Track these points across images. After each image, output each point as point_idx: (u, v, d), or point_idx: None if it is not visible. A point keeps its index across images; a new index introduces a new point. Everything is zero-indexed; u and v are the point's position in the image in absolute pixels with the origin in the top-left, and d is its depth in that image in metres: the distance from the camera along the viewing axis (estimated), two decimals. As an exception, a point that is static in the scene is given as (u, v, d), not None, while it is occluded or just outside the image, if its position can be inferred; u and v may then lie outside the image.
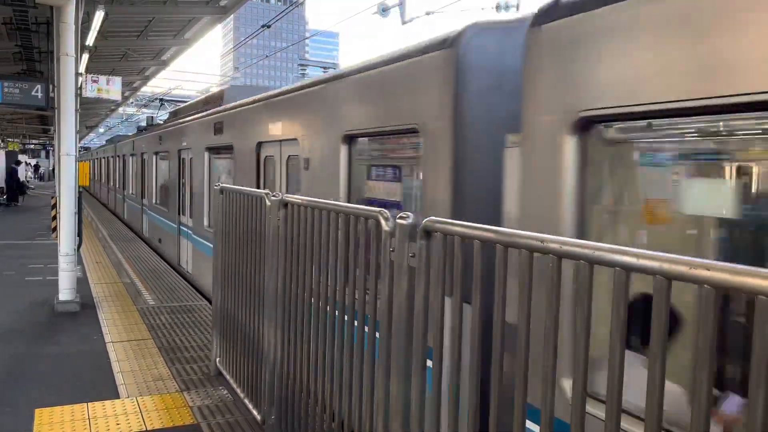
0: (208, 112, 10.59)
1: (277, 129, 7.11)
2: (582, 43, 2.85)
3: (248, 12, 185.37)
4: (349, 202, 5.25)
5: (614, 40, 2.69)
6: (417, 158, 4.45)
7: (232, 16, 16.66)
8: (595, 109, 2.74)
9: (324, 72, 17.70)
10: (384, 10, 14.03)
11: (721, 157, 2.62)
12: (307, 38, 43.52)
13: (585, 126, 2.85)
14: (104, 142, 40.02)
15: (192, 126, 11.62)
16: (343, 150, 5.38)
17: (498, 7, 15.09)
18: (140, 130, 22.09)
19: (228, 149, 9.31)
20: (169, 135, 13.75)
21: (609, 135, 2.92)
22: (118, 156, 24.22)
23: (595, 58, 2.77)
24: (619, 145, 2.99)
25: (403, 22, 13.60)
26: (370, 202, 5.09)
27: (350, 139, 5.34)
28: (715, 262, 1.42)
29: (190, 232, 11.65)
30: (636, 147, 2.96)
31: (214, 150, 10.28)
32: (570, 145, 2.87)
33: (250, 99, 8.33)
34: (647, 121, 2.70)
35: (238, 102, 9.02)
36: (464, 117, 3.88)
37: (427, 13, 14.33)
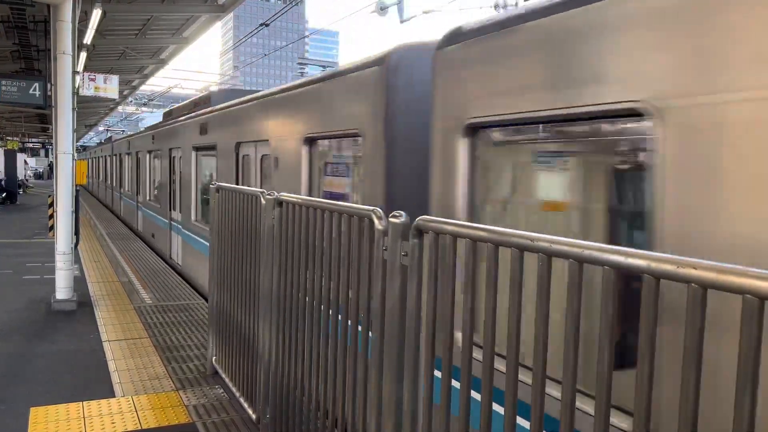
0: None
1: None
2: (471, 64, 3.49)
3: (247, 10, 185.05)
4: None
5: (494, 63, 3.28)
6: None
7: (231, 14, 16.64)
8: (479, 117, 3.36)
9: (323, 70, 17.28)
10: (382, 9, 14.02)
11: None
12: (306, 37, 43.56)
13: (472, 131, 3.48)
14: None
15: None
16: None
17: (496, 6, 15.08)
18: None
19: None
20: None
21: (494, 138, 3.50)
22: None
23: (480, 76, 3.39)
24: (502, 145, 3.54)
25: (402, 21, 13.60)
26: None
27: None
28: (702, 261, 1.42)
29: None
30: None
31: None
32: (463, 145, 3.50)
33: None
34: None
35: None
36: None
37: (425, 12, 14.32)
